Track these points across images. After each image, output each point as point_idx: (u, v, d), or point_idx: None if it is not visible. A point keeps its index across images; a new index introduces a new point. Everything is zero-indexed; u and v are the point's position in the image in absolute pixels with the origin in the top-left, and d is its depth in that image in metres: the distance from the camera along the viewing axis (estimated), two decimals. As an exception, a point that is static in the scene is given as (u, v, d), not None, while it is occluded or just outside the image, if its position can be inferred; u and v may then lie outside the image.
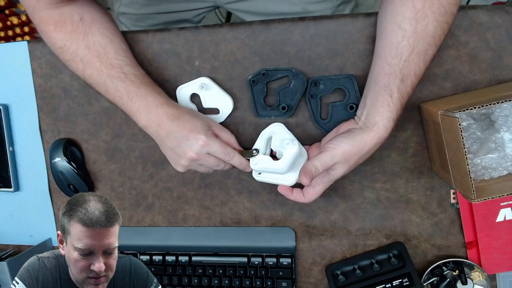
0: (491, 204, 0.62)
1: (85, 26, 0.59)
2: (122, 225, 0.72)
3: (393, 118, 0.53)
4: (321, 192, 0.58)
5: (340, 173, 0.55)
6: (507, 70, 0.59)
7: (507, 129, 0.54)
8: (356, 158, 0.54)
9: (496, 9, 0.58)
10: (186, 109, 0.59)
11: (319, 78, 0.62)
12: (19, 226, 0.76)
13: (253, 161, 0.60)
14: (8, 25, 1.53)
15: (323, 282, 0.69)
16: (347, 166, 0.55)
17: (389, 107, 0.52)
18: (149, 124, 0.58)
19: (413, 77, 0.52)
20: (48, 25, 0.59)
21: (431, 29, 0.51)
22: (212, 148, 0.57)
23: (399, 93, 0.52)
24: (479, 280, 0.63)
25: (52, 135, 0.72)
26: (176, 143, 0.57)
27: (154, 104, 0.57)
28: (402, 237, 0.66)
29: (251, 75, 0.64)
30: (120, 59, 0.59)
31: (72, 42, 0.59)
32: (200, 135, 0.56)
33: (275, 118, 0.65)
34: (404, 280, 0.64)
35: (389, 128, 0.53)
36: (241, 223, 0.69)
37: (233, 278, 0.69)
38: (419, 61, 0.52)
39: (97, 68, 0.58)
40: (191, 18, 0.90)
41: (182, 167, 0.59)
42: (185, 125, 0.56)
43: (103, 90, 0.59)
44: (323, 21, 0.62)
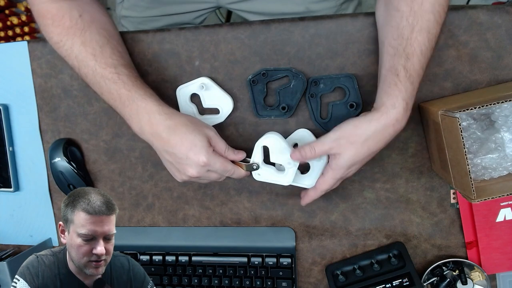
0: (491, 204, 0.62)
1: (84, 23, 0.58)
2: (122, 225, 0.72)
3: (403, 97, 0.51)
4: (332, 182, 0.56)
5: (348, 158, 0.52)
6: (507, 70, 0.59)
7: (507, 129, 0.54)
8: (362, 139, 0.51)
9: (496, 9, 0.58)
10: (181, 119, 0.55)
11: (319, 78, 0.62)
12: (19, 226, 0.76)
13: (255, 173, 0.60)
14: (8, 25, 1.53)
15: (323, 282, 0.69)
16: (354, 149, 0.52)
17: (396, 86, 0.51)
18: (142, 132, 0.56)
19: (419, 55, 0.51)
20: (46, 19, 0.58)
21: (428, 6, 0.51)
22: (213, 167, 0.55)
23: (406, 71, 0.51)
24: (479, 280, 0.63)
25: (52, 135, 0.72)
26: (175, 160, 0.55)
27: (145, 111, 0.55)
28: (402, 237, 0.66)
29: (251, 75, 0.64)
30: (115, 59, 0.58)
31: (68, 38, 0.58)
32: (201, 155, 0.53)
33: (275, 118, 0.64)
34: (404, 280, 0.64)
35: (400, 108, 0.51)
36: (241, 223, 0.69)
37: (233, 278, 0.69)
38: (423, 38, 0.51)
39: (92, 67, 0.57)
40: (193, 20, 0.90)
41: (181, 180, 0.58)
42: (183, 141, 0.54)
43: (98, 91, 0.59)
44: (323, 21, 0.62)
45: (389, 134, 0.52)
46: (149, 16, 0.87)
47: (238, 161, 0.59)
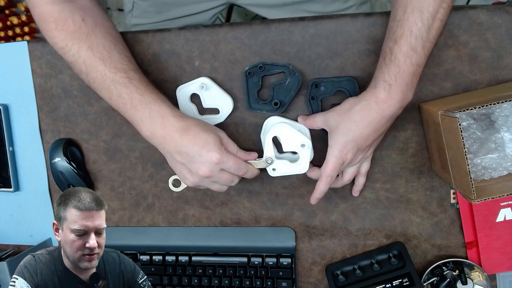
0: (491, 204, 0.62)
1: (88, 27, 0.58)
2: (122, 225, 0.72)
3: (383, 78, 0.52)
4: (335, 161, 0.56)
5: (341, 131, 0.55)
6: (507, 70, 0.59)
7: (507, 129, 0.54)
8: (349, 113, 0.54)
9: (496, 9, 0.58)
10: (193, 121, 0.57)
11: (320, 80, 0.62)
12: (19, 226, 0.76)
13: (270, 170, 0.61)
14: (8, 25, 1.53)
15: (323, 282, 0.69)
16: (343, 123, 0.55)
17: (381, 69, 0.53)
18: (153, 135, 0.56)
19: (409, 36, 0.51)
20: (48, 23, 0.57)
21: None
22: (226, 164, 0.56)
23: (391, 54, 0.52)
24: (479, 280, 0.63)
25: (52, 135, 0.72)
26: (187, 159, 0.55)
27: (159, 114, 0.55)
28: (402, 237, 0.66)
29: (248, 67, 0.63)
30: (124, 64, 0.58)
31: (74, 43, 0.57)
32: (214, 152, 0.54)
33: (267, 112, 0.64)
34: (404, 280, 0.64)
35: (380, 88, 0.52)
36: (241, 223, 0.69)
37: (233, 278, 0.69)
38: (415, 18, 0.51)
39: (101, 72, 0.57)
40: (203, 21, 0.89)
41: (192, 183, 0.58)
42: (196, 140, 0.54)
43: (107, 96, 0.58)
44: (323, 21, 0.62)
45: (374, 111, 0.53)
46: (159, 21, 0.86)
47: (249, 162, 0.60)
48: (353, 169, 0.61)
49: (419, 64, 0.52)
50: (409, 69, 0.52)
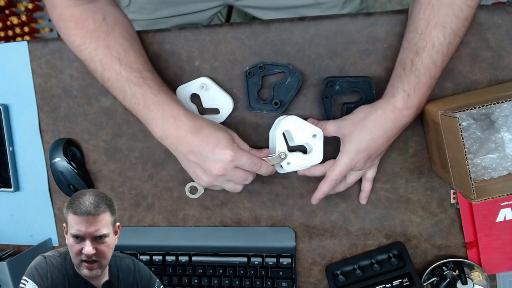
0: (491, 204, 0.62)
1: (108, 26, 0.58)
2: (122, 225, 0.72)
3: (403, 88, 0.53)
4: (343, 167, 0.57)
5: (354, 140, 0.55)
6: (507, 70, 0.59)
7: (507, 129, 0.54)
8: (363, 122, 0.55)
9: (496, 9, 0.59)
10: (205, 121, 0.57)
11: (336, 80, 0.61)
12: (19, 226, 0.76)
13: (284, 164, 0.61)
14: (8, 25, 1.53)
15: (323, 282, 0.69)
16: (356, 131, 0.55)
17: (400, 78, 0.53)
18: (166, 136, 0.56)
19: (431, 49, 0.51)
20: (68, 22, 0.57)
21: (446, 0, 0.50)
22: (241, 161, 0.55)
23: (412, 65, 0.52)
24: (479, 280, 0.63)
25: (52, 135, 0.72)
26: (201, 158, 0.55)
27: (171, 114, 0.55)
28: (402, 237, 0.66)
29: (248, 67, 0.63)
30: (140, 64, 0.58)
31: (91, 41, 0.57)
32: (227, 149, 0.54)
33: (267, 112, 0.64)
34: (404, 280, 0.64)
35: (399, 97, 0.53)
36: (241, 223, 0.69)
37: (233, 278, 0.69)
38: (437, 33, 0.51)
39: (116, 71, 0.56)
40: (201, 21, 0.89)
41: (206, 183, 0.57)
42: (209, 139, 0.55)
43: (120, 95, 0.58)
44: (323, 21, 0.62)
45: (390, 121, 0.54)
46: (156, 18, 0.87)
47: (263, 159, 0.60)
48: (359, 173, 0.62)
49: (435, 77, 0.54)
50: (427, 82, 0.53)
